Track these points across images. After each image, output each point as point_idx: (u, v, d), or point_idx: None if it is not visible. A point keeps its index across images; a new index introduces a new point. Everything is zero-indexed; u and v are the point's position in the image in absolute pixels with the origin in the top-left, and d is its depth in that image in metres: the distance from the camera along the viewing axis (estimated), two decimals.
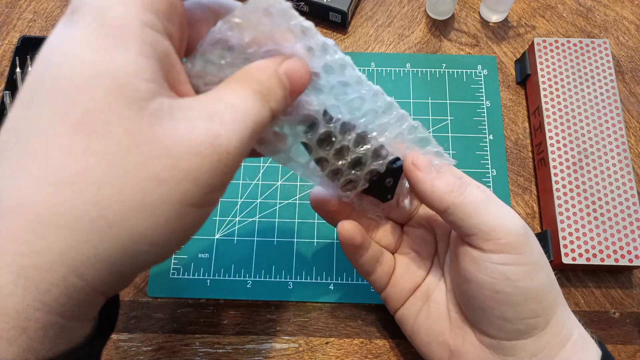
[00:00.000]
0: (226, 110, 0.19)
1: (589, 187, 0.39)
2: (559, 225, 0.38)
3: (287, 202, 0.42)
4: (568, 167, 0.40)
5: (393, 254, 0.34)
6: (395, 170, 0.29)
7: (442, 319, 0.31)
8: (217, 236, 0.41)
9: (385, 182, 0.29)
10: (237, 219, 0.42)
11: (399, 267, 0.34)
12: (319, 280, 0.40)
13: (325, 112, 0.26)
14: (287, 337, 0.38)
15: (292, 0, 0.48)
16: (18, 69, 0.44)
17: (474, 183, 0.28)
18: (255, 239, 0.41)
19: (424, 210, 0.34)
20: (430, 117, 0.45)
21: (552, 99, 0.42)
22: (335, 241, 0.41)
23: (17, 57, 0.44)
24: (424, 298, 0.33)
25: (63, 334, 0.18)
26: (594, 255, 0.37)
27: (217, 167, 0.18)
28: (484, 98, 0.46)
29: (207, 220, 0.42)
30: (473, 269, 0.27)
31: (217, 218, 0.42)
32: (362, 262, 0.32)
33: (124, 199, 0.17)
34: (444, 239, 0.33)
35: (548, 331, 0.28)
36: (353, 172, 0.29)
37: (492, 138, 0.44)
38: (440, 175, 0.28)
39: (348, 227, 0.31)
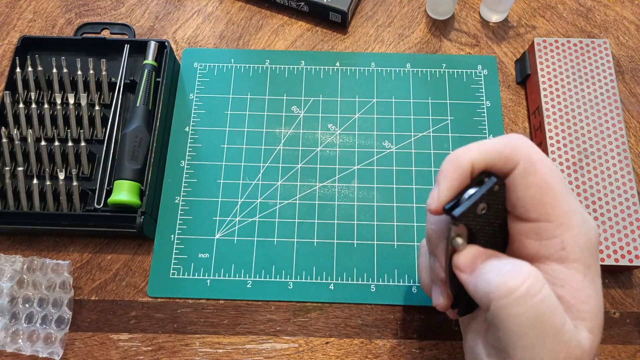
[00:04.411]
0: None
1: (589, 187, 0.39)
2: None
3: (287, 202, 0.42)
4: (568, 167, 0.40)
5: None
6: (492, 193, 0.24)
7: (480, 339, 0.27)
8: (217, 236, 0.41)
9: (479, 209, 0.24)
10: (237, 219, 0.42)
11: None
12: (319, 280, 0.40)
13: None
14: (287, 337, 0.38)
15: (292, 0, 0.48)
16: (18, 69, 0.44)
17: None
18: (255, 239, 0.41)
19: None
20: (430, 117, 0.45)
21: (552, 99, 0.42)
22: (335, 241, 0.41)
23: (17, 57, 0.44)
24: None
25: None
26: None
27: None
28: (484, 98, 0.46)
29: (207, 220, 0.42)
30: None
31: (217, 218, 0.42)
32: None
33: None
34: None
35: None
36: None
37: (492, 138, 0.44)
38: (481, 273, 0.23)
39: (442, 306, 0.27)
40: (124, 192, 0.39)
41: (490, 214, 0.24)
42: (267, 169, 0.43)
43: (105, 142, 0.43)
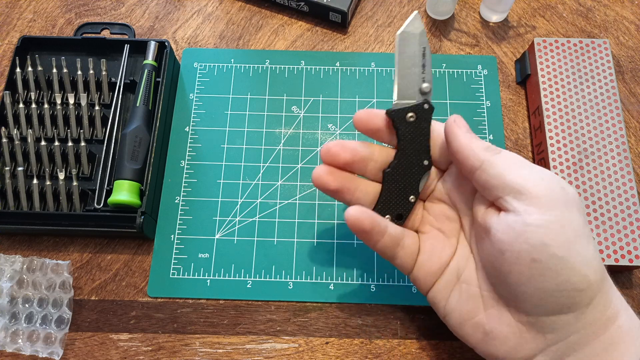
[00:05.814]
0: None
1: (589, 187, 0.39)
2: None
3: (287, 202, 0.42)
4: (568, 167, 0.40)
5: (417, 232, 0.34)
6: (421, 108, 0.32)
7: (474, 299, 0.30)
8: (217, 236, 0.41)
9: (407, 116, 0.32)
10: (237, 219, 0.42)
11: (424, 249, 0.32)
12: (319, 280, 0.40)
13: None
14: (287, 337, 0.38)
15: (292, 0, 0.48)
16: (18, 69, 0.44)
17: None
18: (255, 239, 0.41)
19: (443, 185, 0.33)
20: None
21: (552, 99, 0.42)
22: (335, 241, 0.41)
23: (17, 57, 0.44)
24: (454, 280, 0.31)
25: None
26: None
27: None
28: (484, 98, 0.46)
29: (207, 220, 0.42)
30: (508, 238, 0.26)
31: (217, 218, 0.42)
32: (380, 248, 0.32)
33: None
34: (467, 214, 0.32)
35: (592, 309, 0.26)
36: None
37: (492, 138, 0.44)
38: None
39: (353, 212, 0.30)
40: (124, 192, 0.39)
41: (417, 125, 0.32)
42: (267, 169, 0.43)
43: (105, 142, 0.43)
